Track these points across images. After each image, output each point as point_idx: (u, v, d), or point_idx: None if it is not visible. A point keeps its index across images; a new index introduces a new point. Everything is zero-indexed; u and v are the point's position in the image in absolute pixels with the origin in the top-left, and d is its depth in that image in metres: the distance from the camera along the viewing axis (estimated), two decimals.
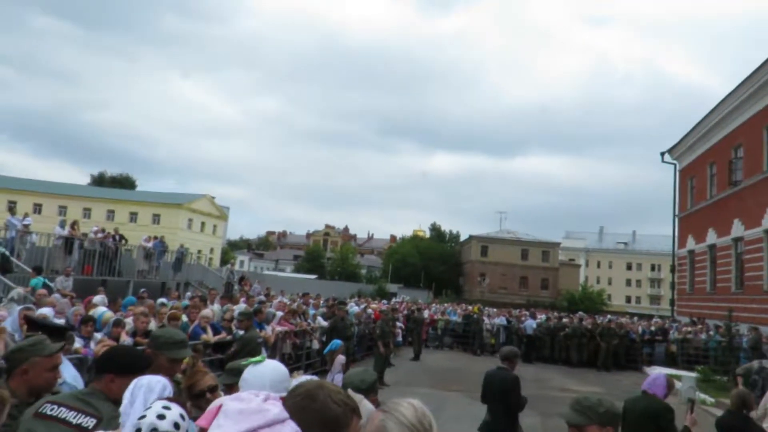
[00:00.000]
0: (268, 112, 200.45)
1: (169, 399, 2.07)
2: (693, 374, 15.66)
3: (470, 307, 25.37)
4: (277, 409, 1.49)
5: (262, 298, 15.11)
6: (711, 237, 24.51)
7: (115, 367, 2.54)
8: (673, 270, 29.98)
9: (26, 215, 16.38)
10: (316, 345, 13.13)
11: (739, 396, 5.09)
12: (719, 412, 12.16)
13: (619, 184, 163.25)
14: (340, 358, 8.19)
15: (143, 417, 1.77)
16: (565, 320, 21.67)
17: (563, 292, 61.77)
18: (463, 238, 76.45)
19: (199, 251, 48.82)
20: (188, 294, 16.39)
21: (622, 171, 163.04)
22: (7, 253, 12.68)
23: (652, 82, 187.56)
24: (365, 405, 2.97)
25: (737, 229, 21.89)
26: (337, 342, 8.46)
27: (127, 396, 2.11)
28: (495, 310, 26.16)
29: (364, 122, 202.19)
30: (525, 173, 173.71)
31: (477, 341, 20.96)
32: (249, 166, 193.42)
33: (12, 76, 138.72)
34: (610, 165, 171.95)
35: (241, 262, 76.30)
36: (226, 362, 7.06)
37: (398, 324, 19.15)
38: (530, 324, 20.36)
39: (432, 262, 68.42)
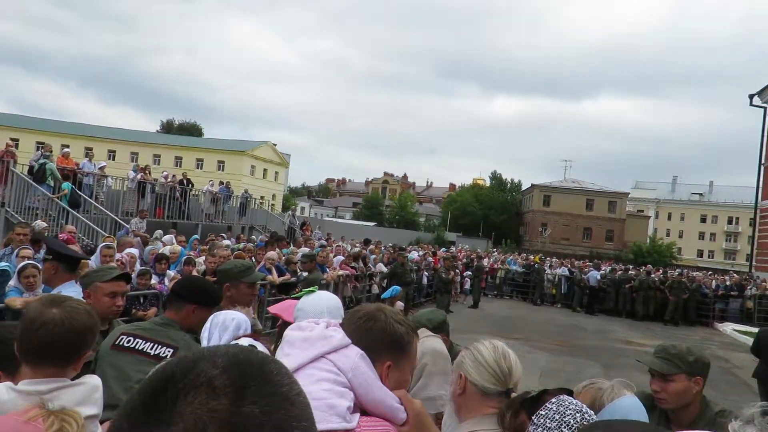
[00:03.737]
0: (324, 54, 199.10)
1: (251, 336, 2.07)
2: None
3: (531, 257, 24.95)
4: (340, 334, 1.51)
5: (323, 242, 15.38)
6: None
7: (198, 298, 2.54)
8: (754, 223, 28.04)
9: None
10: (376, 289, 13.32)
11: None
12: None
13: (698, 130, 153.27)
14: (399, 305, 8.41)
15: None
16: (631, 272, 20.94)
17: (630, 244, 59.49)
18: (524, 187, 74.59)
19: (262, 197, 50.16)
20: (254, 236, 16.93)
21: (704, 115, 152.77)
22: (74, 187, 13.46)
23: (749, 12, 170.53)
24: (431, 342, 2.94)
25: None
26: (396, 288, 8.58)
27: (205, 332, 2.13)
28: (557, 260, 25.58)
29: (423, 63, 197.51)
30: (594, 118, 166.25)
31: (538, 291, 20.69)
32: (308, 113, 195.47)
33: (73, 21, 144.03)
34: (691, 109, 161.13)
35: (302, 209, 77.92)
36: None
37: (467, 273, 19.21)
38: (594, 275, 19.81)
39: (492, 211, 67.35)
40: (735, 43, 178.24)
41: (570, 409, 1.30)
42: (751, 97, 27.27)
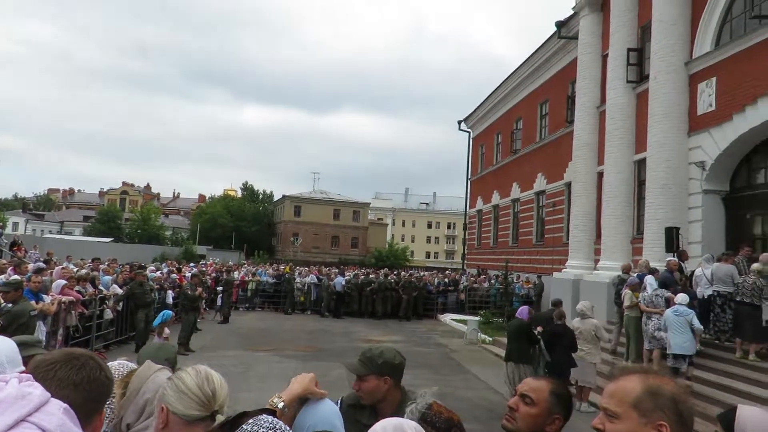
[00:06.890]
0: (40, 39, 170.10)
1: None
2: (477, 318, 17.92)
3: (282, 267, 25.40)
4: (38, 390, 1.30)
5: (41, 264, 13.10)
6: (495, 198, 27.93)
7: None
8: (464, 227, 33.62)
9: None
10: (109, 314, 11.92)
11: (558, 312, 8.86)
12: (496, 350, 14.19)
13: (426, 146, 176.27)
14: (166, 331, 8.35)
15: None
16: (371, 276, 22.98)
17: (372, 249, 65.43)
18: (276, 197, 75.72)
19: None
20: None
21: (431, 134, 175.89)
22: None
23: (461, 52, 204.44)
24: (159, 376, 2.76)
25: (515, 191, 25.25)
26: (168, 312, 8.48)
27: None
28: (306, 268, 26.58)
29: (167, 63, 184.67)
30: (339, 131, 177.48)
31: (288, 300, 21.16)
32: (21, 109, 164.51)
33: None
34: (420, 128, 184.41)
35: (15, 225, 65.45)
36: None
37: (219, 288, 18.76)
38: (339, 281, 21.17)
39: (244, 222, 66.60)
40: (453, 75, 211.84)
41: (263, 428, 1.37)
42: (459, 122, 32.74)
